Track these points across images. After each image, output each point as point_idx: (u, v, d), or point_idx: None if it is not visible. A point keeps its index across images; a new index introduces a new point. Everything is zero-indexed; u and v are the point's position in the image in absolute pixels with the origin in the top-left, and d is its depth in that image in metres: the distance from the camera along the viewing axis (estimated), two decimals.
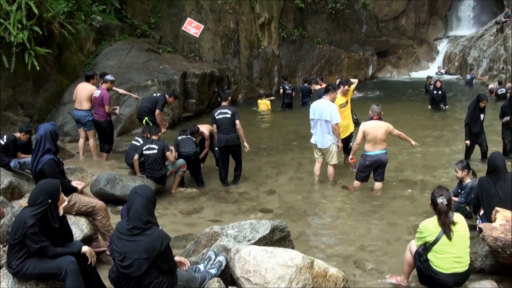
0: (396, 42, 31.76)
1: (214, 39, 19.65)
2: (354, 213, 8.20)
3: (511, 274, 5.63)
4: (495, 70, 25.66)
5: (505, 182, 6.38)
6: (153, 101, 10.84)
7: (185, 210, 8.28)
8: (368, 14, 30.13)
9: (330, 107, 9.00)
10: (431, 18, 34.60)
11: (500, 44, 26.13)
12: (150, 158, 8.70)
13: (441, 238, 5.03)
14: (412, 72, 31.30)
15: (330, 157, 9.28)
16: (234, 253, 4.84)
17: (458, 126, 15.20)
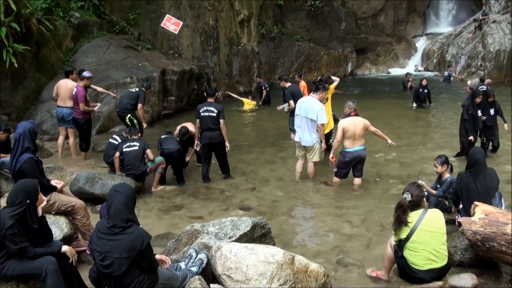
0: (374, 39, 31.93)
1: (193, 36, 19.58)
2: (334, 209, 8.25)
3: (490, 267, 5.77)
4: (473, 67, 26.05)
5: (484, 177, 6.50)
6: (133, 96, 10.78)
7: (165, 208, 8.27)
8: (347, 12, 30.25)
9: (318, 107, 9.00)
10: (410, 16, 34.85)
11: (478, 41, 26.50)
12: (130, 155, 8.66)
13: (413, 235, 5.10)
14: (390, 69, 31.52)
15: (313, 154, 9.31)
16: (215, 251, 4.84)
17: (440, 122, 15.45)
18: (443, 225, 5.24)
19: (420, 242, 5.08)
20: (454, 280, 5.35)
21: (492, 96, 10.76)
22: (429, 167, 10.09)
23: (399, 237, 5.22)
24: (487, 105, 10.66)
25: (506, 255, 5.29)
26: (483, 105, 10.61)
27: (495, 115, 10.76)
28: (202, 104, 9.58)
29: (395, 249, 5.33)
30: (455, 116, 16.11)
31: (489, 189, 6.50)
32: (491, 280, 5.59)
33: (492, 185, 6.54)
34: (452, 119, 15.63)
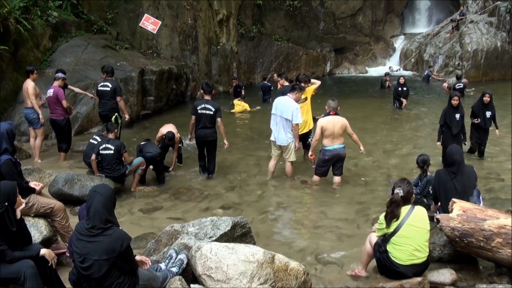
0: (353, 39, 32.11)
1: (172, 35, 19.49)
2: (314, 207, 8.32)
3: (469, 262, 5.88)
4: (451, 66, 26.42)
5: (462, 175, 6.61)
6: (110, 94, 10.67)
7: (145, 209, 8.24)
8: (325, 12, 30.37)
9: (293, 107, 9.05)
10: (388, 16, 35.15)
11: (456, 41, 26.84)
12: (107, 158, 8.61)
13: (400, 229, 5.17)
14: (369, 68, 31.74)
15: (289, 154, 9.36)
16: (195, 251, 4.85)
17: (419, 122, 15.62)
18: (428, 222, 5.33)
19: (406, 236, 5.15)
20: (433, 276, 5.45)
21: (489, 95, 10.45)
22: (409, 166, 10.25)
23: (384, 231, 5.29)
24: (483, 107, 10.47)
25: (484, 250, 5.40)
26: (480, 106, 10.48)
27: (491, 119, 10.53)
28: (199, 101, 9.63)
29: (377, 243, 5.38)
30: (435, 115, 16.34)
31: (467, 187, 6.61)
32: (470, 275, 5.71)
33: (469, 183, 6.65)
34: (431, 118, 15.86)
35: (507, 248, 5.25)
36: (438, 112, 16.91)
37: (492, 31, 26.53)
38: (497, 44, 25.92)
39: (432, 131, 13.95)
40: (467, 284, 5.52)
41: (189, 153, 11.49)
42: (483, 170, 9.90)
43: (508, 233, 5.28)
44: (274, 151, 9.53)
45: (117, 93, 10.61)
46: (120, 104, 10.72)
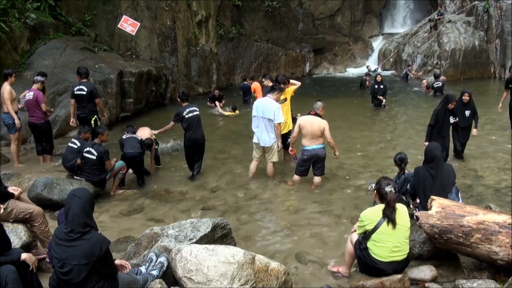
0: (332, 40, 32.24)
1: (150, 37, 19.37)
2: (294, 207, 8.36)
3: (449, 259, 5.94)
4: (429, 65, 26.68)
5: (441, 172, 6.67)
6: (87, 97, 10.59)
7: (125, 212, 8.19)
8: (304, 12, 30.45)
9: (274, 106, 9.10)
10: (366, 16, 35.38)
11: (434, 40, 27.13)
12: (89, 162, 8.55)
13: (380, 226, 5.19)
14: (348, 68, 31.91)
15: (271, 154, 9.39)
16: (175, 253, 4.84)
17: (398, 120, 15.76)
18: (408, 220, 5.36)
19: (387, 233, 5.18)
20: (414, 273, 5.51)
21: (468, 94, 10.41)
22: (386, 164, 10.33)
23: (365, 229, 5.31)
24: (462, 106, 10.36)
25: (464, 246, 5.48)
26: (459, 106, 10.32)
27: (471, 118, 10.45)
28: (183, 108, 9.69)
29: (358, 241, 5.41)
30: (414, 113, 16.54)
31: (445, 185, 6.67)
32: (450, 271, 5.77)
33: (448, 181, 6.71)
34: (409, 116, 16.02)
35: (486, 244, 5.32)
36: (416, 110, 17.26)
37: (470, 31, 26.85)
38: (475, 43, 26.23)
39: (411, 129, 14.16)
40: (447, 280, 5.58)
41: (170, 156, 11.47)
42: (463, 168, 10.02)
43: (487, 229, 5.36)
44: (257, 152, 9.56)
45: (94, 95, 10.52)
46: (99, 105, 10.66)
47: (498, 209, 6.71)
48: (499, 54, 26.13)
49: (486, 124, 13.52)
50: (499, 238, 5.28)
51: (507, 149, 11.56)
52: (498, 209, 6.71)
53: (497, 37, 26.26)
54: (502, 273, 5.46)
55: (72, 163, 9.04)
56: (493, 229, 5.35)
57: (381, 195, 5.32)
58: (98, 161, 8.53)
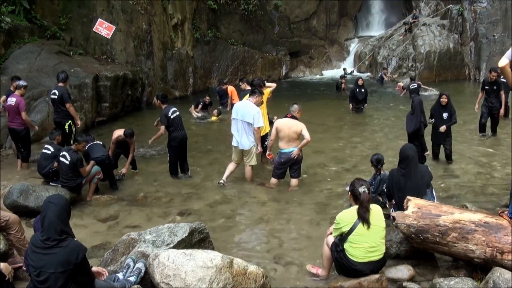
0: (308, 43, 32.40)
1: (126, 40, 19.20)
2: (272, 210, 8.35)
3: (426, 258, 6.01)
4: (404, 68, 27.02)
5: (415, 173, 6.74)
6: (58, 101, 10.47)
7: (101, 218, 8.09)
8: (280, 15, 30.56)
9: (254, 110, 9.12)
10: (342, 19, 35.65)
11: (409, 43, 27.46)
12: (64, 167, 8.46)
13: (356, 228, 5.21)
14: (324, 71, 32.07)
15: (250, 158, 9.40)
16: (153, 259, 4.80)
17: (374, 122, 15.89)
18: (383, 220, 5.40)
19: (363, 234, 5.20)
20: (391, 272, 5.56)
21: (446, 97, 10.44)
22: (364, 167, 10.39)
23: (341, 230, 5.32)
24: (440, 108, 10.44)
25: (440, 245, 5.54)
26: (436, 108, 10.50)
27: (448, 120, 10.45)
28: (165, 109, 9.75)
29: (335, 243, 5.41)
30: (390, 115, 16.69)
31: (419, 186, 6.72)
32: (428, 270, 5.82)
33: (422, 182, 6.76)
34: (385, 118, 16.16)
35: (463, 242, 5.39)
36: (391, 112, 17.38)
37: (445, 33, 27.23)
38: (449, 45, 26.60)
39: (387, 131, 14.28)
40: (425, 279, 5.62)
41: (146, 162, 11.39)
42: (439, 168, 10.13)
43: (463, 228, 5.43)
44: (236, 155, 9.56)
45: (65, 100, 10.42)
46: (70, 111, 10.54)
47: (474, 208, 6.81)
48: (474, 57, 26.55)
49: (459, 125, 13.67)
50: (475, 237, 5.35)
51: (481, 149, 11.82)
52: (474, 208, 6.81)
53: (471, 39, 26.68)
54: (479, 271, 5.52)
55: (47, 170, 8.93)
56: (469, 228, 5.42)
57: (355, 196, 5.35)
58: (72, 167, 8.42)
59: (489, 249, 5.28)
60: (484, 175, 9.77)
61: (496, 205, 7.68)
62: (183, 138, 9.90)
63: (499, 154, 11.26)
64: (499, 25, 25.30)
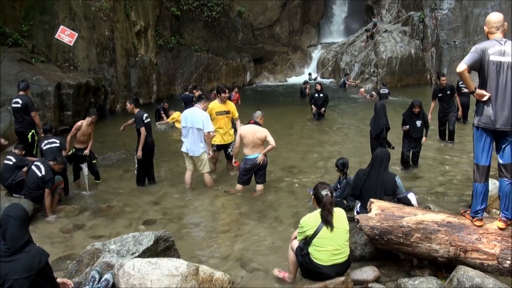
0: (271, 49, 32.63)
1: (88, 47, 18.96)
2: (238, 216, 8.33)
3: (390, 259, 6.09)
4: (366, 73, 27.50)
5: (378, 178, 6.85)
6: (22, 109, 10.28)
7: (65, 229, 7.91)
8: (243, 22, 30.69)
9: (203, 116, 9.15)
10: (305, 26, 36.04)
11: (371, 49, 27.93)
12: (34, 177, 8.30)
13: (320, 231, 5.23)
14: (288, 77, 32.29)
15: (202, 165, 9.41)
16: (118, 269, 4.73)
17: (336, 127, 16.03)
18: (347, 222, 5.43)
19: (327, 237, 5.22)
20: (356, 274, 5.61)
21: (418, 106, 10.48)
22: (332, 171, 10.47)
23: (305, 234, 5.34)
24: (413, 117, 10.51)
25: (404, 246, 5.63)
26: (409, 116, 10.57)
27: (422, 128, 10.59)
28: (140, 113, 9.71)
29: (299, 247, 5.43)
30: (353, 121, 16.87)
31: (377, 191, 6.80)
32: (393, 270, 5.90)
33: (381, 189, 6.82)
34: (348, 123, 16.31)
35: (426, 242, 5.50)
36: (355, 118, 17.59)
37: (406, 40, 27.80)
38: (411, 51, 27.15)
39: (351, 136, 14.43)
40: (390, 279, 5.69)
41: (108, 171, 11.26)
42: (403, 172, 10.28)
43: (426, 228, 5.53)
44: (188, 162, 9.58)
45: (30, 108, 10.25)
46: (35, 120, 10.37)
47: (437, 209, 6.93)
48: (435, 62, 27.20)
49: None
50: (438, 236, 5.46)
51: (443, 153, 12.10)
52: (437, 209, 6.93)
53: (432, 45, 27.32)
54: (444, 269, 5.64)
55: (9, 182, 8.72)
56: (432, 228, 5.53)
57: (318, 199, 5.38)
58: (41, 181, 8.28)
59: (453, 248, 5.39)
60: (447, 178, 9.96)
61: (459, 206, 7.85)
62: (151, 145, 9.89)
63: (460, 157, 11.51)
64: (459, 31, 25.95)
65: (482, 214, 5.54)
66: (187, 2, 26.75)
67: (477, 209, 5.51)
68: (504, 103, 5.25)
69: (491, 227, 5.44)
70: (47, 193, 8.36)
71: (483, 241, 5.30)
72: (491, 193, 6.88)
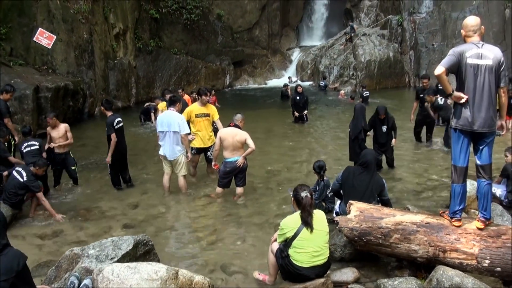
0: (251, 52, 32.64)
1: (67, 50, 18.75)
2: (218, 219, 8.32)
3: (370, 260, 6.15)
4: (345, 76, 27.70)
5: (366, 178, 6.95)
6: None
7: (44, 234, 7.81)
8: (223, 25, 30.65)
9: (178, 118, 9.12)
10: (284, 29, 36.17)
11: (350, 52, 28.16)
12: (15, 182, 8.20)
13: (300, 233, 5.25)
14: (267, 80, 32.34)
15: (179, 168, 9.39)
16: (97, 274, 4.68)
17: (315, 129, 16.08)
18: (327, 224, 5.46)
19: (307, 239, 5.24)
20: (336, 276, 5.65)
21: (383, 114, 10.62)
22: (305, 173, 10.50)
23: (285, 236, 5.35)
24: (379, 122, 10.68)
25: (384, 247, 5.69)
26: (374, 122, 10.72)
27: (388, 132, 10.74)
28: (111, 118, 9.61)
29: (279, 249, 5.44)
30: (333, 124, 16.95)
31: (364, 191, 6.86)
32: (372, 271, 5.95)
33: (367, 189, 6.89)
34: (328, 126, 16.40)
35: (405, 243, 5.56)
36: (335, 120, 17.68)
37: (385, 43, 28.07)
38: (389, 54, 27.41)
39: (330, 139, 14.50)
40: (370, 280, 5.73)
41: (88, 175, 11.16)
42: (381, 175, 10.32)
43: (405, 229, 5.59)
44: (166, 166, 9.54)
45: (3, 114, 10.10)
46: (8, 126, 10.19)
47: (416, 210, 6.99)
48: (413, 65, 27.51)
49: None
50: (417, 237, 5.52)
51: (420, 155, 12.24)
52: (416, 210, 6.99)
53: (411, 48, 27.62)
54: (423, 270, 5.70)
55: None
56: (411, 228, 5.59)
57: (297, 201, 5.41)
58: (23, 187, 8.20)
59: (432, 248, 5.45)
60: (425, 179, 10.06)
61: (438, 207, 7.93)
62: (122, 149, 9.83)
63: (437, 158, 11.64)
64: (438, 34, 26.26)
65: (460, 214, 5.62)
66: (166, 4, 26.61)
67: (455, 209, 5.59)
68: (481, 105, 5.34)
69: (470, 227, 5.51)
70: (39, 198, 8.33)
71: (462, 241, 5.37)
72: (470, 194, 7.00)
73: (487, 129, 5.37)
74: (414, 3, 27.50)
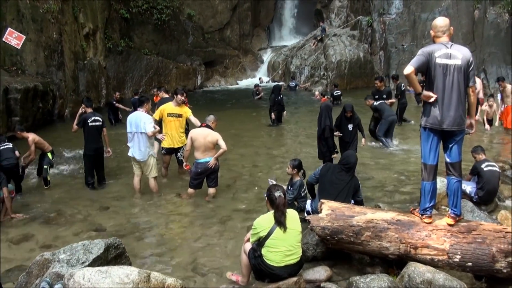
0: (222, 53, 32.65)
1: (36, 50, 18.43)
2: (190, 220, 8.29)
3: (342, 258, 6.20)
4: (316, 76, 27.90)
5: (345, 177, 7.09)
6: None
7: (15, 239, 7.65)
8: (193, 26, 30.58)
9: (145, 118, 9.10)
10: (255, 30, 36.27)
11: (320, 53, 28.37)
12: None
13: (273, 232, 5.27)
14: (239, 80, 32.36)
15: (149, 170, 9.35)
16: (68, 279, 4.60)
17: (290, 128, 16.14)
18: (300, 224, 5.49)
19: (280, 238, 5.26)
20: (309, 274, 5.66)
21: (350, 111, 10.63)
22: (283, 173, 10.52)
23: (259, 235, 5.36)
24: (345, 121, 10.69)
25: (355, 245, 5.76)
26: (341, 120, 10.75)
27: (354, 131, 10.73)
28: (89, 114, 9.81)
29: (252, 249, 5.46)
30: (305, 124, 17.01)
31: (343, 188, 7.04)
32: (345, 269, 6.00)
33: (345, 188, 7.04)
34: (301, 125, 16.46)
35: (377, 240, 5.62)
36: (306, 118, 17.75)
37: (355, 43, 28.34)
38: (360, 55, 27.68)
39: (302, 139, 14.55)
40: (342, 278, 5.76)
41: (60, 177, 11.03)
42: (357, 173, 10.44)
43: (376, 226, 5.66)
44: (136, 168, 9.49)
45: None
46: None
47: (387, 207, 7.07)
48: (383, 65, 27.82)
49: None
50: (388, 234, 5.60)
51: (386, 153, 12.35)
52: (387, 207, 7.07)
53: (381, 49, 27.92)
54: (395, 266, 5.78)
55: None
56: (382, 226, 5.67)
57: (271, 200, 5.43)
58: None
59: (403, 245, 5.53)
60: (395, 177, 10.17)
61: (408, 204, 8.03)
62: (98, 148, 9.89)
63: (408, 156, 11.79)
64: (407, 35, 26.58)
65: (431, 211, 5.72)
66: (136, 4, 26.45)
67: (425, 206, 5.68)
68: (450, 104, 5.43)
69: (440, 223, 5.61)
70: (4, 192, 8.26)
71: (433, 237, 5.46)
72: (440, 191, 7.11)
73: (456, 127, 5.47)
74: (384, 4, 27.81)
